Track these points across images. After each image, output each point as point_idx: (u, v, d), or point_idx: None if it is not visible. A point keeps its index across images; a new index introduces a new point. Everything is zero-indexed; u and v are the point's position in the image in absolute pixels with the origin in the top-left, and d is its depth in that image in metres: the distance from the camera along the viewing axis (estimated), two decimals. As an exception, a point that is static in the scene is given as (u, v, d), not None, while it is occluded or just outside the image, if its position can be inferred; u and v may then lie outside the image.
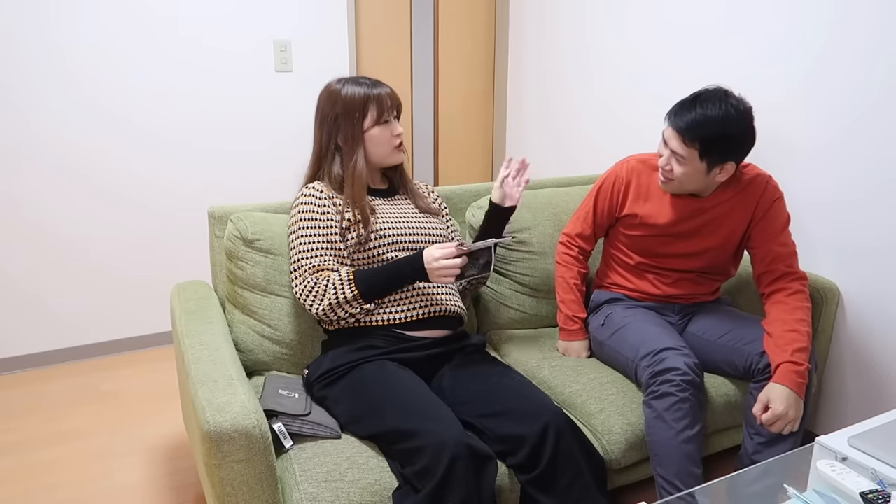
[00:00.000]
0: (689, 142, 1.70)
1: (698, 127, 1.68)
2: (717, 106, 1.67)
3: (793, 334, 1.69)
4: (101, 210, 2.73)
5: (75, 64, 2.56)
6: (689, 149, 1.71)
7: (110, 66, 2.62)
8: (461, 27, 3.44)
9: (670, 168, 1.77)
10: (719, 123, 1.67)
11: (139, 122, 2.72)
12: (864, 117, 1.93)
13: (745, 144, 1.73)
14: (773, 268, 1.81)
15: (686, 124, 1.69)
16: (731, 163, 1.74)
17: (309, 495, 1.37)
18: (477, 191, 2.26)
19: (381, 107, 1.73)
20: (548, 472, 1.46)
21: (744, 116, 1.69)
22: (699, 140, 1.69)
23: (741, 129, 1.69)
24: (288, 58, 2.94)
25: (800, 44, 2.07)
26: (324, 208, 1.71)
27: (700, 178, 1.76)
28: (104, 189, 2.72)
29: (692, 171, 1.74)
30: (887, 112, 1.88)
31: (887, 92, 1.87)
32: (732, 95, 1.70)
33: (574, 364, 1.93)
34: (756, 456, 1.73)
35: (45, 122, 2.56)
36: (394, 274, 1.65)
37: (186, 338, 1.60)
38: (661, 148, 1.80)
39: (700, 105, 1.69)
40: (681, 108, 1.72)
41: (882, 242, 1.94)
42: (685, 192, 1.85)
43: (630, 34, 2.69)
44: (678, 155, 1.73)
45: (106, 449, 2.19)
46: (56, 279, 2.71)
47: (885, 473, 1.19)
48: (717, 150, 1.70)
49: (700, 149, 1.70)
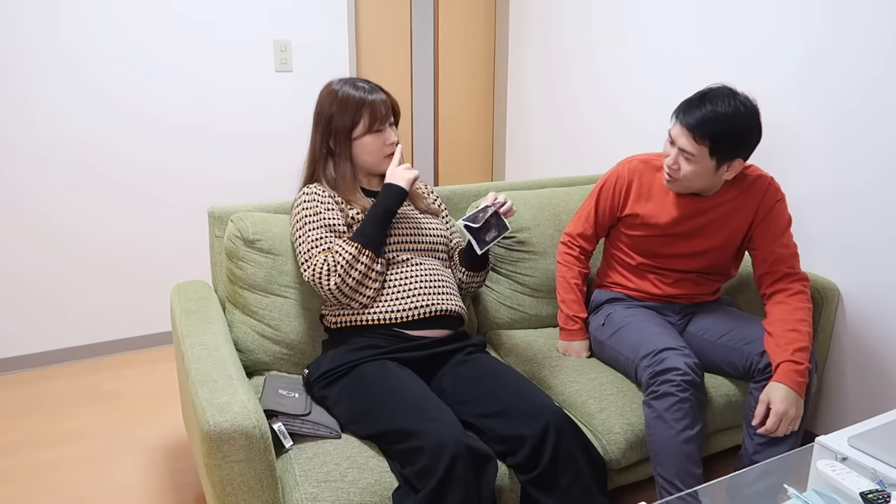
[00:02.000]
0: (700, 139, 1.69)
1: (708, 123, 1.67)
2: (725, 103, 1.67)
3: (793, 334, 1.69)
4: (101, 210, 2.73)
5: (76, 63, 2.56)
6: (699, 146, 1.70)
7: (109, 66, 2.62)
8: (461, 27, 3.44)
9: (677, 167, 1.76)
10: (729, 120, 1.67)
11: (138, 122, 2.72)
12: (858, 108, 1.93)
13: (753, 141, 1.73)
14: (775, 269, 1.81)
15: (696, 121, 1.68)
16: (738, 160, 1.74)
17: (309, 495, 1.37)
18: (477, 191, 2.26)
19: (375, 115, 1.72)
20: (548, 472, 1.46)
21: (752, 112, 1.70)
22: (709, 137, 1.68)
23: (750, 125, 1.69)
24: (288, 58, 2.94)
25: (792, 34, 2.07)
26: (327, 204, 1.72)
27: (708, 177, 1.76)
28: (104, 189, 2.72)
29: (701, 170, 1.74)
30: (882, 103, 1.88)
31: (882, 83, 1.87)
32: (739, 93, 1.71)
33: (574, 364, 1.93)
34: (756, 456, 1.73)
35: (47, 123, 2.56)
36: (377, 211, 1.67)
37: (186, 338, 1.60)
38: (666, 147, 1.79)
39: (709, 102, 1.69)
40: (689, 105, 1.72)
41: (882, 237, 1.94)
42: (690, 192, 1.85)
43: (630, 34, 2.69)
44: (687, 153, 1.72)
45: (106, 449, 2.19)
46: (56, 279, 2.71)
47: (885, 473, 1.19)
48: (727, 146, 1.70)
49: (710, 146, 1.69)
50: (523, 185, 2.37)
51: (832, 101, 2.00)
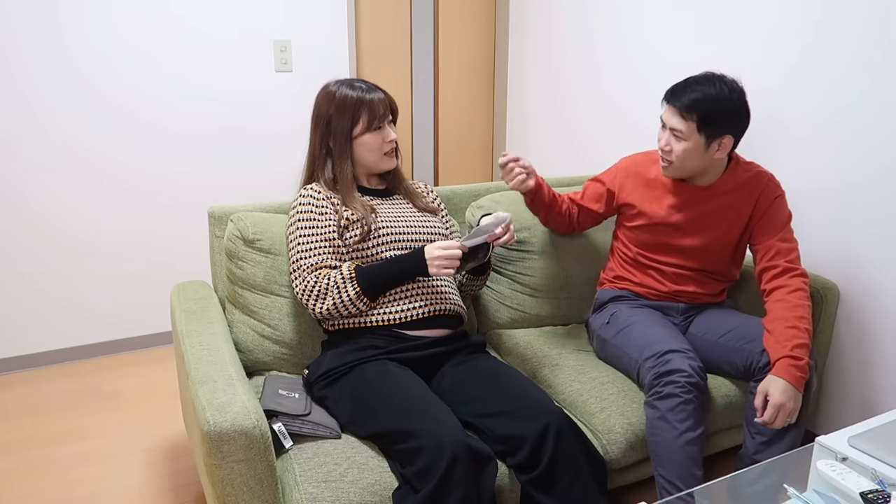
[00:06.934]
0: (687, 114, 1.74)
1: (694, 99, 1.74)
2: (711, 83, 1.75)
3: (793, 331, 1.69)
4: (101, 210, 2.73)
5: (76, 63, 2.57)
6: (687, 122, 1.75)
7: (109, 66, 2.62)
8: (461, 27, 3.44)
9: (670, 148, 1.81)
10: (715, 95, 1.73)
11: (139, 122, 2.73)
12: (858, 106, 1.93)
13: (741, 118, 1.77)
14: (775, 263, 1.81)
15: (683, 99, 1.75)
16: (728, 136, 1.77)
17: (309, 495, 1.37)
18: (477, 191, 2.26)
19: (373, 113, 1.73)
20: (548, 472, 1.46)
21: (736, 90, 1.76)
22: (697, 112, 1.73)
23: (735, 99, 1.75)
24: (288, 58, 2.94)
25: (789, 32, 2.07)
26: (322, 208, 1.72)
27: (699, 155, 1.79)
28: (104, 189, 2.72)
29: (692, 147, 1.77)
30: (880, 100, 1.88)
31: (881, 80, 1.87)
32: (723, 76, 1.77)
33: (574, 363, 1.93)
34: (757, 455, 1.73)
35: (46, 122, 2.56)
36: (395, 269, 1.66)
37: (186, 338, 1.60)
38: (660, 133, 1.85)
39: (695, 82, 1.76)
40: (675, 87, 1.79)
41: (882, 237, 1.94)
42: (686, 175, 1.87)
43: (630, 33, 2.69)
44: (677, 131, 1.77)
45: (106, 449, 2.19)
46: (56, 279, 2.71)
47: (885, 473, 1.19)
48: (715, 121, 1.74)
49: (698, 120, 1.74)
50: (523, 185, 2.37)
51: (833, 97, 2.01)
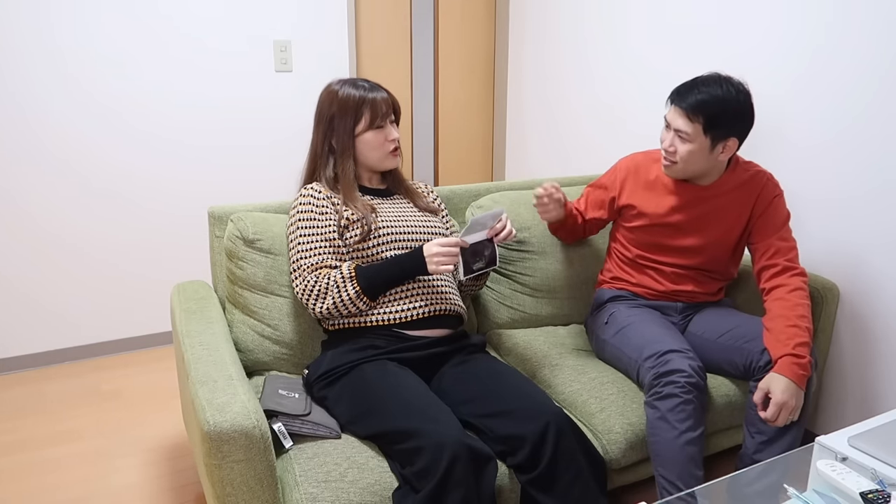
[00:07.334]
0: (693, 116, 1.73)
1: (701, 101, 1.73)
2: (717, 84, 1.74)
3: (794, 329, 1.69)
4: (102, 210, 2.73)
5: (75, 63, 2.56)
6: (693, 124, 1.74)
7: (110, 65, 2.62)
8: (461, 27, 3.44)
9: (674, 149, 1.80)
10: (721, 97, 1.73)
11: (139, 122, 2.72)
12: (865, 113, 1.93)
13: (746, 120, 1.77)
14: (774, 262, 1.81)
15: (689, 100, 1.74)
16: (733, 139, 1.77)
17: (309, 495, 1.37)
18: (477, 191, 2.26)
19: (376, 112, 1.73)
20: (548, 472, 1.46)
21: (743, 93, 1.75)
22: (703, 113, 1.72)
23: (742, 102, 1.74)
24: (288, 58, 2.94)
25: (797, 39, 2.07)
26: (322, 208, 1.72)
27: (704, 157, 1.79)
28: (104, 189, 2.72)
29: (696, 149, 1.77)
30: (887, 106, 1.88)
31: (889, 87, 1.87)
32: (730, 78, 1.76)
33: (574, 363, 1.93)
34: (757, 455, 1.73)
35: (44, 121, 2.56)
36: (395, 268, 1.66)
37: (186, 338, 1.60)
38: (663, 133, 1.84)
39: (701, 84, 1.75)
40: (682, 88, 1.78)
41: (882, 237, 1.94)
42: (688, 176, 1.86)
43: (631, 33, 2.69)
44: (682, 132, 1.76)
45: (106, 449, 2.19)
46: (56, 279, 2.71)
47: (885, 473, 1.19)
48: (721, 123, 1.73)
49: (704, 123, 1.73)
50: (523, 185, 2.37)
51: (839, 105, 2.00)
